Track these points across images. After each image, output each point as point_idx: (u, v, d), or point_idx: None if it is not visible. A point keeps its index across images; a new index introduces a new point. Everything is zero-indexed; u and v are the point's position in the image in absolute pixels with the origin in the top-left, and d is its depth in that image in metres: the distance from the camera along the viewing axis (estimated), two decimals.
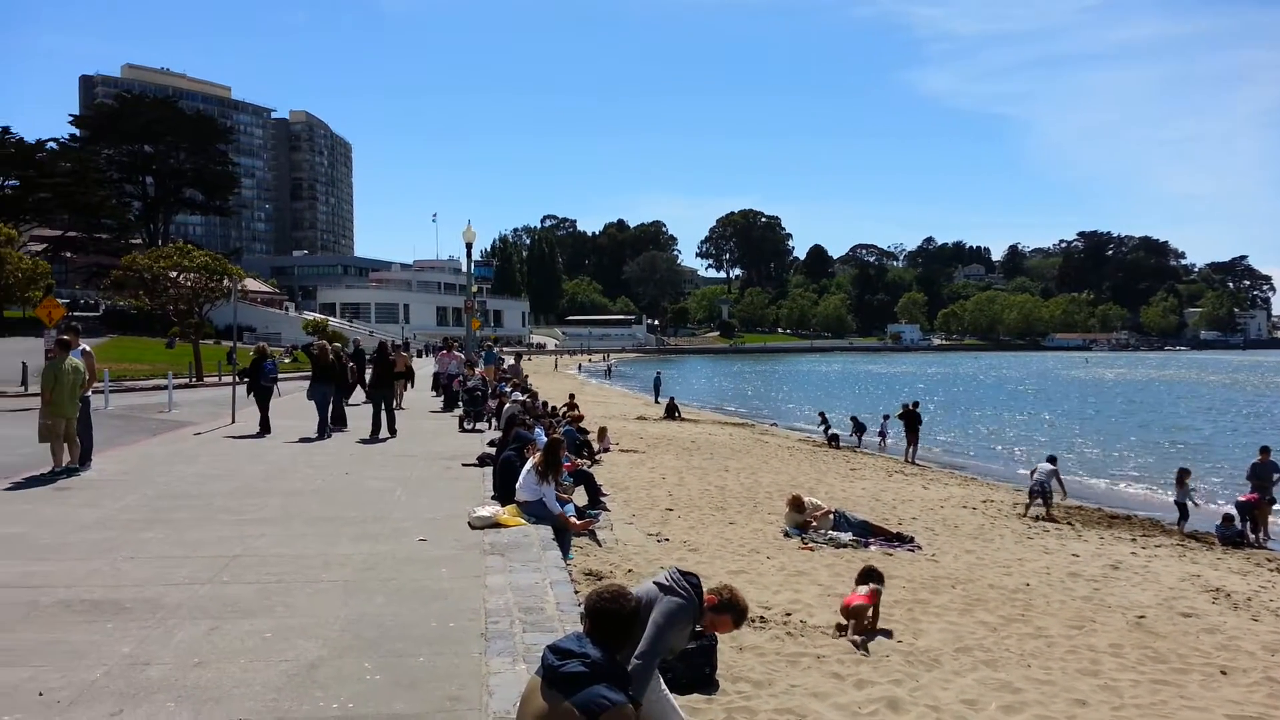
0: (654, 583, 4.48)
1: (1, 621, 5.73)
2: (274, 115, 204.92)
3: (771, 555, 10.52)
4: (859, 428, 27.75)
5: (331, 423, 17.41)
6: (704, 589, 4.52)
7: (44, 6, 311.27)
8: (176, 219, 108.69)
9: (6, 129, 73.84)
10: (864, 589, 7.71)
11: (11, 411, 23.24)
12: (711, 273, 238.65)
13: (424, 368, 37.30)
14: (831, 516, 11.82)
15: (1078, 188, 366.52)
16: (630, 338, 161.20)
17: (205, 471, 12.45)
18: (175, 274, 39.66)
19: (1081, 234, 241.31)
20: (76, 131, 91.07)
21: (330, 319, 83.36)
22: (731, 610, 4.58)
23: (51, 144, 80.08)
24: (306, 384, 18.63)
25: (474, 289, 37.42)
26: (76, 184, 75.45)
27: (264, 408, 17.45)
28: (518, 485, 9.33)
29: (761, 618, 7.81)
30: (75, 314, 60.31)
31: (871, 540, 11.41)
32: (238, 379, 19.82)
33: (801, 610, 8.22)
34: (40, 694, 4.56)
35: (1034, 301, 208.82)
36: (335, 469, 12.75)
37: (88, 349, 13.22)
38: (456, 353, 26.41)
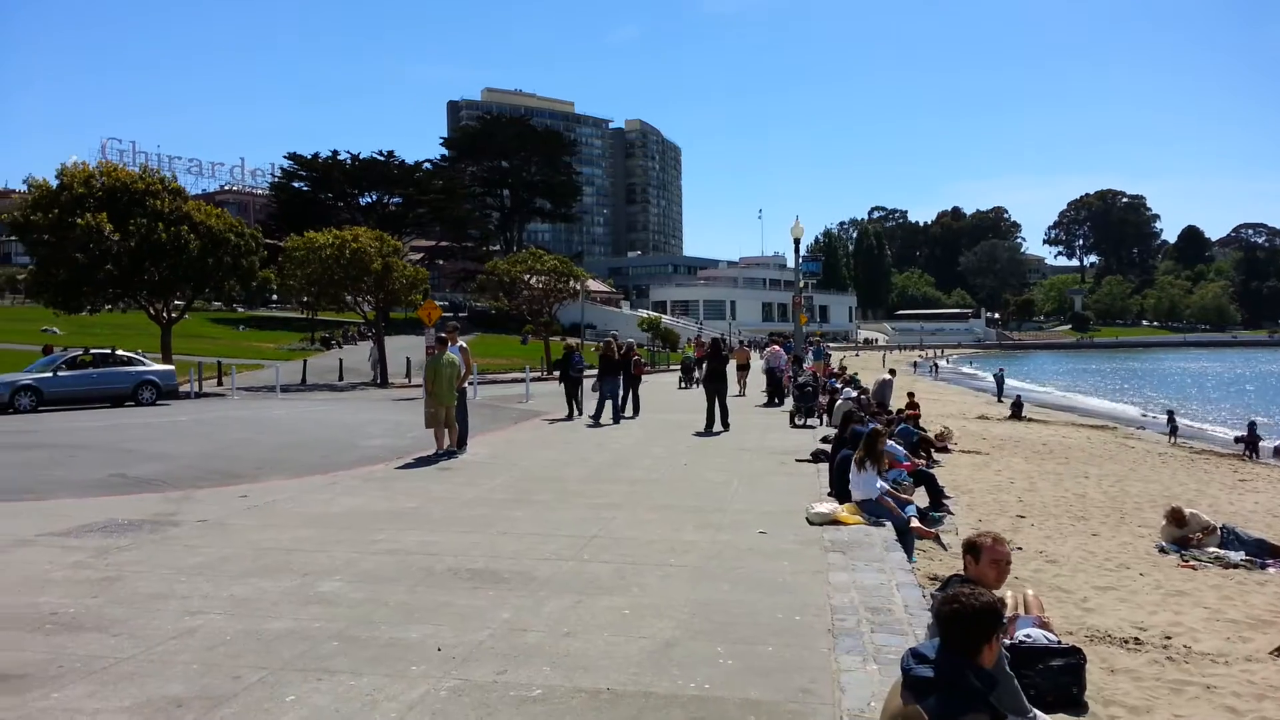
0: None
1: (407, 583, 6.56)
2: (611, 126, 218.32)
3: (1145, 572, 9.45)
4: (1251, 438, 23.72)
5: (623, 411, 19.57)
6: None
7: (415, 43, 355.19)
8: (528, 227, 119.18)
9: (391, 153, 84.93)
10: None
11: (399, 400, 26.67)
12: (1061, 260, 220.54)
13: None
14: (1219, 533, 10.41)
15: None
16: (967, 332, 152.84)
17: (559, 457, 13.50)
18: (528, 277, 43.55)
19: None
20: (446, 152, 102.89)
21: (662, 316, 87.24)
22: (970, 551, 4.78)
23: (426, 164, 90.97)
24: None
25: (801, 284, 37.40)
26: (447, 199, 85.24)
27: (571, 395, 20.23)
28: (850, 483, 9.16)
29: (1136, 639, 7.04)
30: (446, 315, 68.17)
31: (1271, 562, 9.89)
32: (550, 371, 21.40)
33: (1184, 634, 7.30)
34: (439, 649, 5.15)
35: None
36: (674, 460, 13.29)
37: (464, 345, 14.85)
38: (779, 349, 26.56)
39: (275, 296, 69.55)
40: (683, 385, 32.28)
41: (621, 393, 19.52)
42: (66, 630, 5.49)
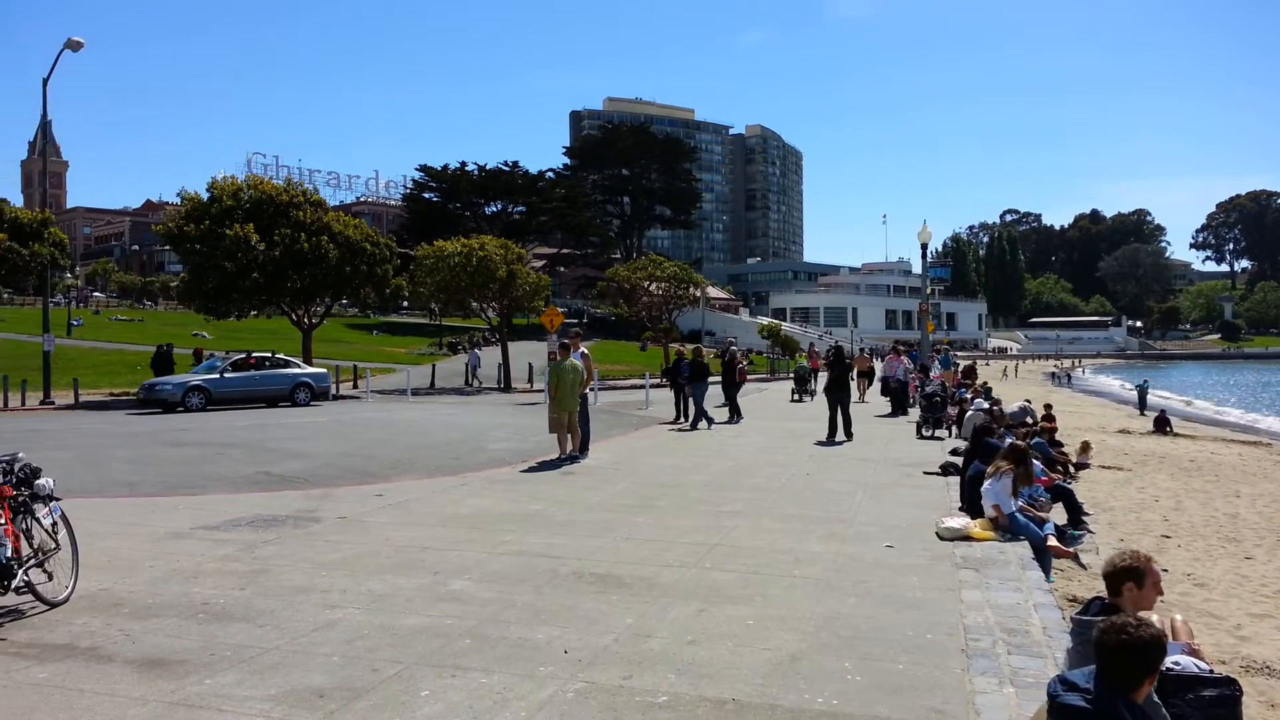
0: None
1: (534, 585, 6.69)
2: (731, 132, 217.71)
3: None
4: None
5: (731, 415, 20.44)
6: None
7: (538, 53, 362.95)
8: (648, 233, 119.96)
9: (516, 163, 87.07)
10: None
11: (523, 405, 27.23)
12: (1209, 266, 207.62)
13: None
14: None
15: None
16: (1107, 341, 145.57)
17: (680, 464, 13.52)
18: (648, 284, 43.86)
19: None
20: (568, 161, 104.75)
21: (782, 323, 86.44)
22: (1132, 577, 4.52)
23: (549, 173, 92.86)
24: (760, 383, 19.45)
25: (928, 290, 36.40)
26: (569, 207, 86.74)
27: (679, 400, 20.86)
28: (984, 497, 8.84)
29: None
30: (569, 321, 69.39)
31: None
32: (662, 377, 21.53)
33: None
34: (565, 651, 5.23)
35: None
36: (796, 469, 13.13)
37: (585, 352, 15.06)
38: (903, 357, 25.86)
39: (406, 303, 72.21)
40: (795, 397, 28.87)
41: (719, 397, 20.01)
42: (217, 620, 5.82)
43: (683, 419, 20.44)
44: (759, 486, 11.41)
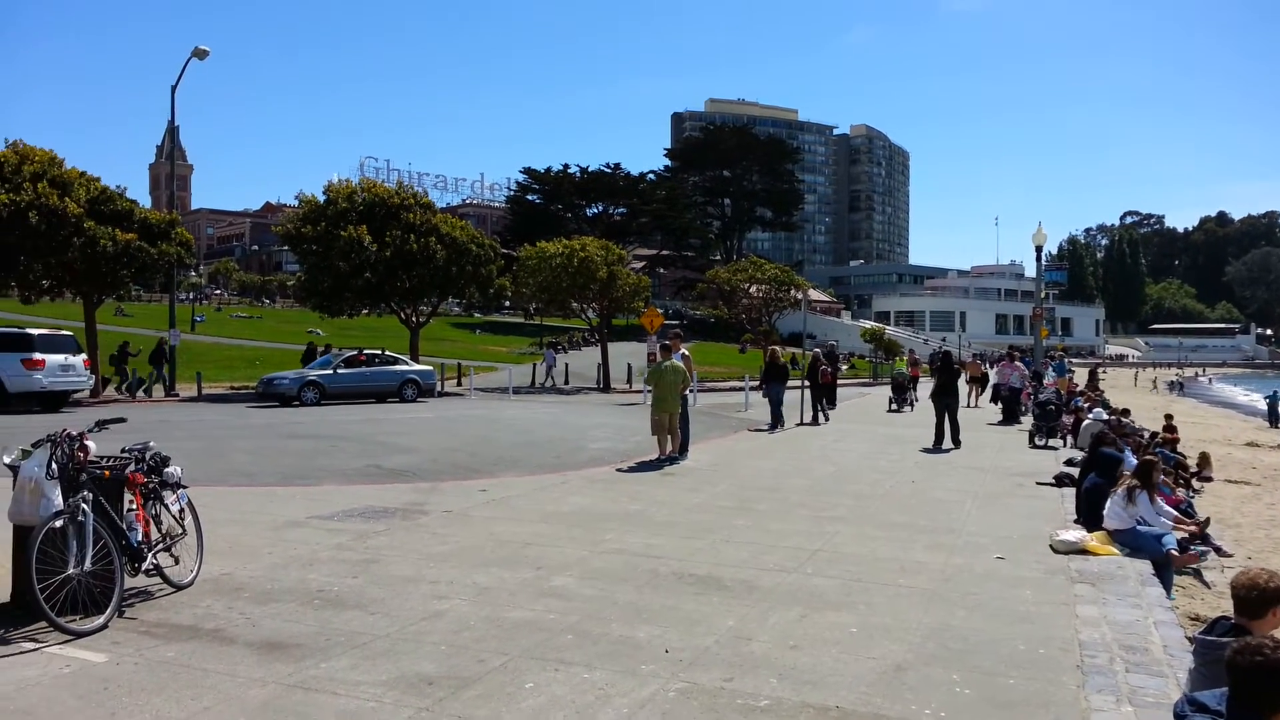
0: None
1: (634, 584, 6.72)
2: (835, 132, 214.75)
3: None
4: None
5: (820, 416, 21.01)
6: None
7: (641, 57, 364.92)
8: (748, 235, 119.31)
9: (617, 165, 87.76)
10: None
11: (622, 405, 27.41)
12: None
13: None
14: None
15: None
16: (1233, 349, 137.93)
17: (780, 468, 13.39)
18: (748, 285, 43.61)
19: None
20: (669, 163, 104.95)
21: (886, 327, 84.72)
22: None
23: (650, 175, 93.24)
24: (862, 388, 19.13)
25: (1042, 294, 35.12)
26: (669, 209, 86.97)
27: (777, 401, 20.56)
28: (1105, 510, 8.49)
29: None
30: (669, 323, 69.58)
31: None
32: (761, 382, 21.73)
33: None
34: (666, 651, 5.23)
35: None
36: (901, 476, 12.85)
37: (686, 353, 15.06)
38: (1018, 363, 25.01)
39: (509, 303, 73.64)
40: (892, 407, 25.66)
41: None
42: (331, 606, 6.03)
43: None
44: (862, 493, 11.22)
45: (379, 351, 29.12)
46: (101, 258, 25.50)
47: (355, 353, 28.60)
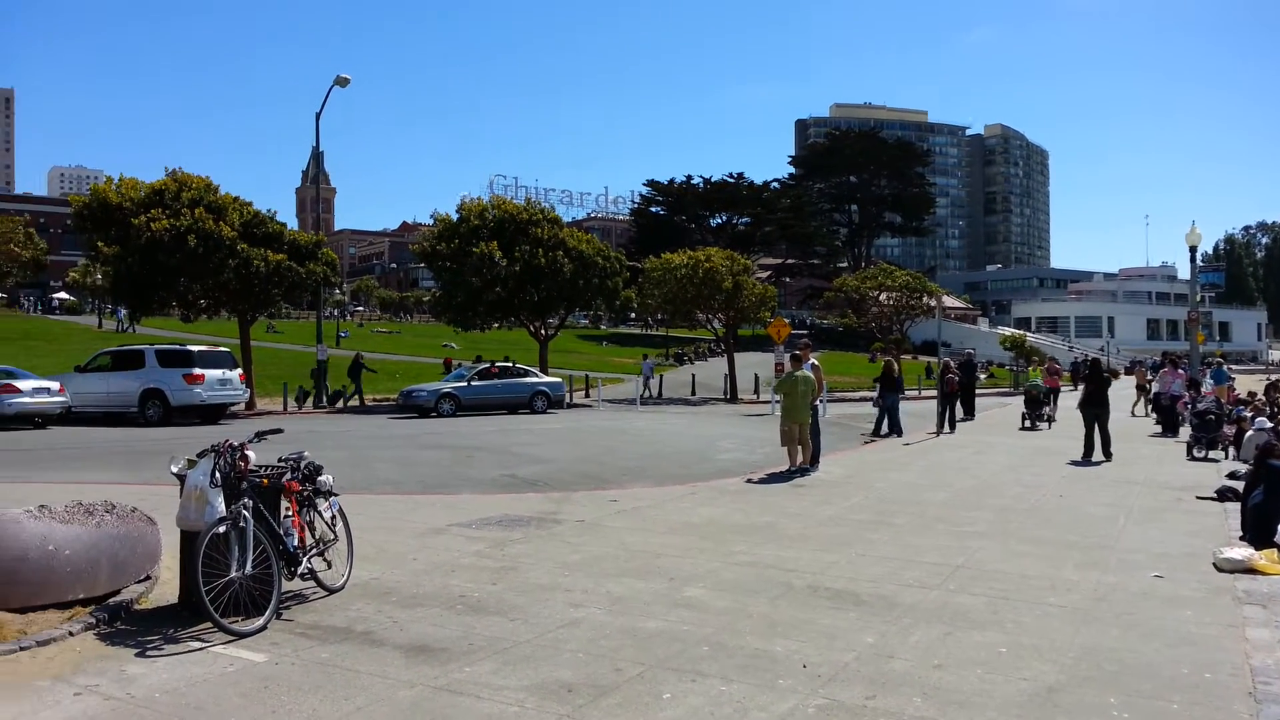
0: None
1: (768, 597, 6.64)
2: (968, 133, 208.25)
3: None
4: None
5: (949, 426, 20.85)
6: None
7: (764, 65, 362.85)
8: (877, 242, 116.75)
9: (741, 175, 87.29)
10: None
11: (749, 416, 27.22)
12: None
13: (1127, 386, 34.17)
14: None
15: None
16: None
17: (917, 481, 13.01)
18: (878, 293, 42.67)
19: None
20: (793, 170, 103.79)
21: (1026, 333, 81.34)
22: None
23: (774, 184, 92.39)
24: (1002, 397, 18.43)
25: (1197, 297, 33.02)
26: (794, 217, 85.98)
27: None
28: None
29: None
30: (798, 332, 68.79)
31: None
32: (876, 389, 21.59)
33: None
34: (804, 666, 5.14)
35: None
36: (1047, 489, 12.28)
37: (816, 363, 14.83)
38: (1181, 370, 23.57)
39: (634, 314, 74.38)
40: (1025, 424, 22.52)
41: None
42: (473, 612, 6.19)
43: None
44: (1005, 507, 10.77)
45: (510, 364, 29.88)
46: (254, 278, 27.07)
47: (488, 365, 29.42)
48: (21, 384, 21.91)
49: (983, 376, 46.39)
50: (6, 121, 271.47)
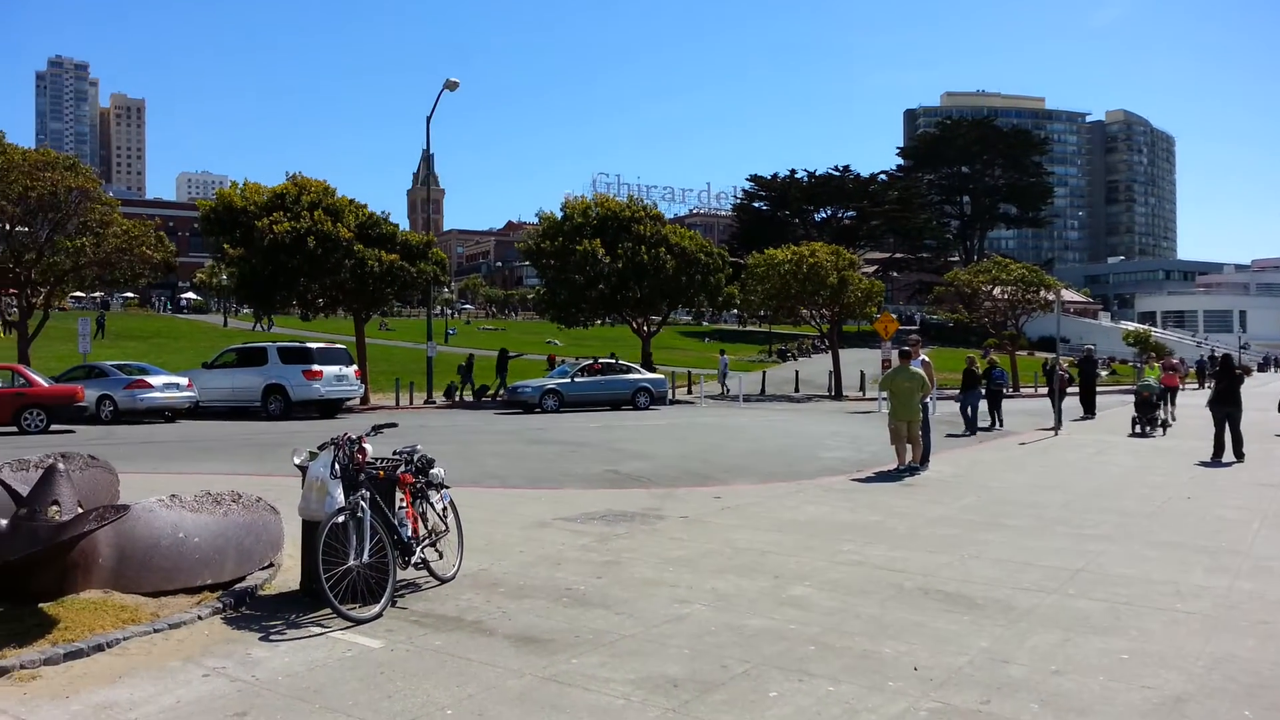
0: None
1: (877, 598, 6.52)
2: (1088, 119, 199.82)
3: None
4: None
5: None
6: None
7: (872, 52, 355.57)
8: (990, 234, 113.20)
9: (847, 167, 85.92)
10: None
11: (855, 413, 26.77)
12: None
13: (1269, 383, 32.20)
14: None
15: None
16: None
17: (1034, 481, 12.56)
18: (991, 287, 41.29)
19: None
20: (901, 161, 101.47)
21: (1151, 328, 77.61)
22: None
23: (881, 176, 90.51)
24: (1124, 395, 17.62)
25: None
26: (902, 210, 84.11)
27: (994, 407, 21.50)
28: None
29: None
30: (906, 328, 67.21)
31: None
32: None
33: None
34: (915, 668, 5.02)
35: None
36: (1173, 491, 11.69)
37: (926, 359, 14.49)
38: None
39: (736, 310, 74.06)
40: (1136, 430, 19.82)
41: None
42: (579, 604, 6.26)
43: (999, 426, 21.26)
44: (1128, 510, 10.29)
45: (612, 360, 30.13)
46: (369, 277, 28.02)
47: (591, 362, 29.74)
48: (153, 380, 23.25)
49: (1103, 373, 44.49)
50: (138, 131, 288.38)
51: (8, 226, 26.16)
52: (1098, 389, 26.89)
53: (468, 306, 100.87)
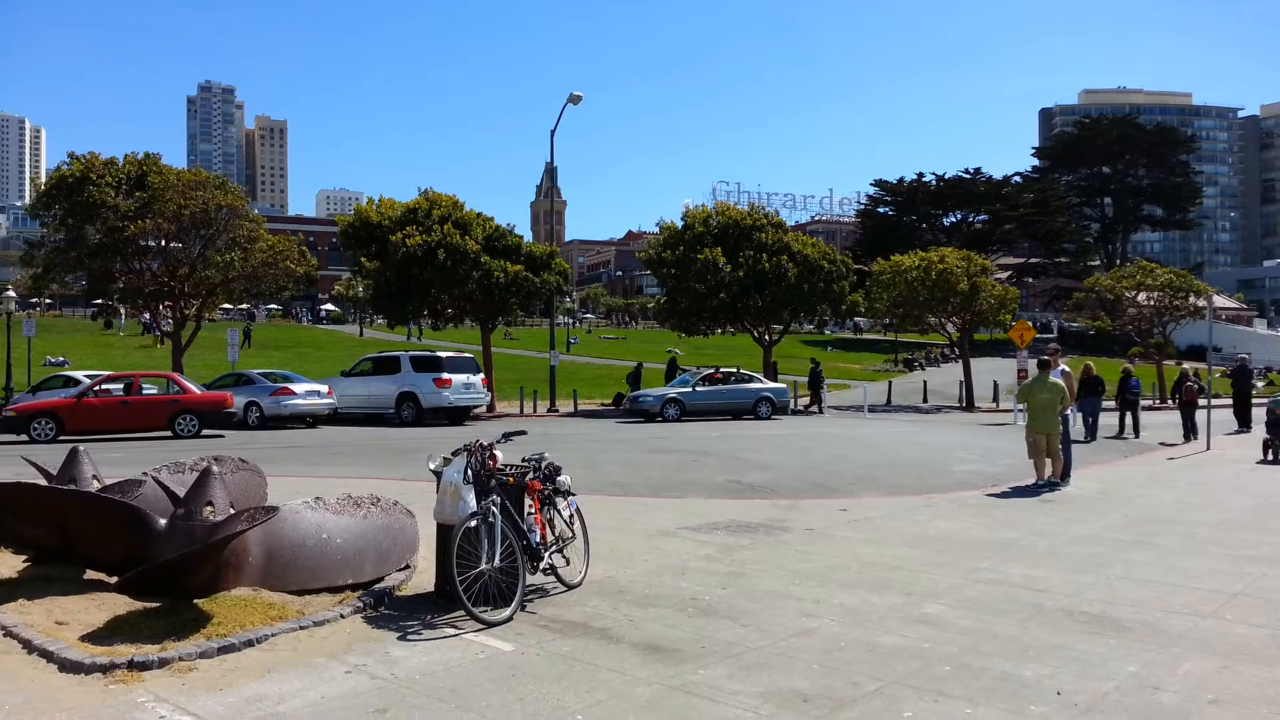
0: None
1: (1016, 618, 6.25)
2: (1241, 114, 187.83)
3: None
4: None
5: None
6: None
7: (1001, 51, 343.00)
8: (1133, 237, 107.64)
9: (978, 170, 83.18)
10: None
11: (988, 425, 25.83)
12: None
13: None
14: None
15: None
16: None
17: (1185, 499, 11.84)
18: (1135, 293, 39.22)
19: None
20: (1037, 163, 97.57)
21: None
22: None
23: (1015, 178, 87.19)
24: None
25: None
26: (1038, 213, 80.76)
27: (1131, 416, 21.57)
28: None
29: None
30: (1044, 336, 64.48)
31: None
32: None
33: None
34: (1058, 693, 4.79)
35: None
36: None
37: (1066, 369, 13.88)
38: None
39: (860, 319, 72.57)
40: (1269, 456, 16.22)
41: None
42: (704, 615, 6.24)
43: (1134, 436, 21.08)
44: None
45: (734, 370, 29.98)
46: (495, 288, 28.77)
47: (713, 371, 29.66)
48: (296, 387, 24.48)
49: (1260, 384, 41.61)
50: (281, 151, 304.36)
51: (164, 243, 28.06)
52: (1254, 400, 25.14)
53: (589, 315, 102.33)
